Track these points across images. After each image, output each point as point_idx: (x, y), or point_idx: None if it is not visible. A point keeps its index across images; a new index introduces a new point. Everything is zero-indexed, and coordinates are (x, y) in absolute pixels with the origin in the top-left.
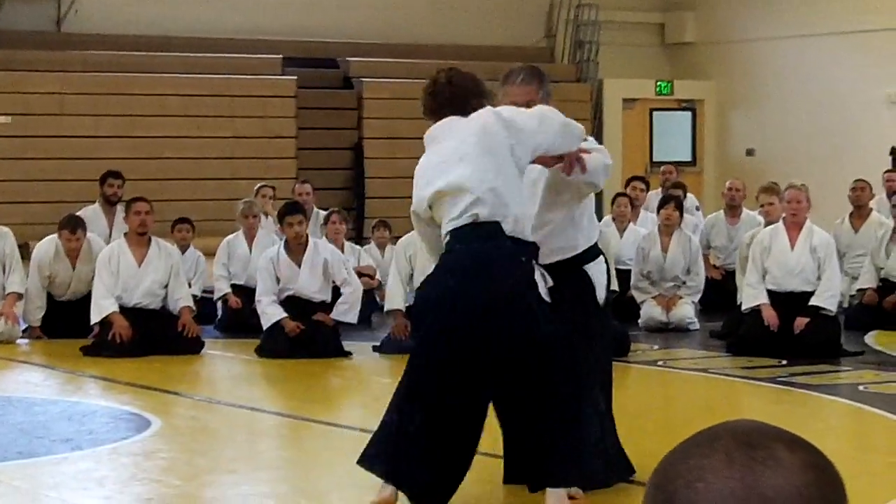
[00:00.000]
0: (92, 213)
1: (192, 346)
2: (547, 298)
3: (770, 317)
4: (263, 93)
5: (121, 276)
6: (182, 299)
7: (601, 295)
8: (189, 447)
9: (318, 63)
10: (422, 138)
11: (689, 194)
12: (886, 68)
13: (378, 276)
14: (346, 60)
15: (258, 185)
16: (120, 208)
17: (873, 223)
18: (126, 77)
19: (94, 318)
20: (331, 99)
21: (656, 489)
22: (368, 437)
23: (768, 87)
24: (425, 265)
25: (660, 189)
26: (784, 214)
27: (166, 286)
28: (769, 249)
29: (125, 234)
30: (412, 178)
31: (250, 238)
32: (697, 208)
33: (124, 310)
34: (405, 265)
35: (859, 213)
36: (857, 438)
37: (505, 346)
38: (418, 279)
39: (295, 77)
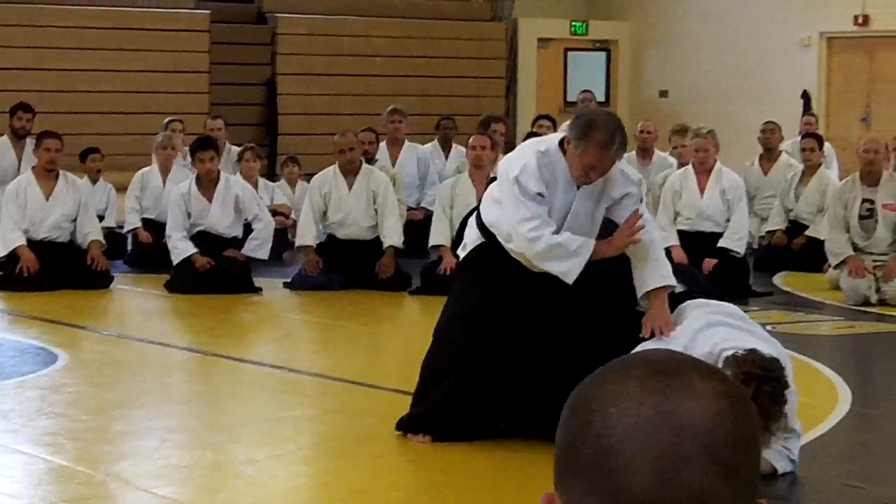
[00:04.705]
0: (0, 146)
1: (101, 281)
2: None
3: (680, 258)
4: (176, 26)
5: (28, 209)
6: (91, 233)
7: None
8: (97, 381)
9: None
10: (336, 75)
11: None
12: (800, 12)
13: (293, 216)
14: None
15: (168, 119)
16: (30, 141)
17: (782, 165)
18: (36, 8)
19: (1, 251)
20: (245, 34)
21: (572, 413)
22: (277, 372)
23: (683, 28)
24: None
25: None
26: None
27: (74, 220)
28: (680, 193)
29: (33, 168)
30: (325, 114)
31: (164, 171)
32: None
33: (32, 243)
34: (319, 202)
35: (769, 155)
36: None
37: None
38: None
39: (209, 11)
